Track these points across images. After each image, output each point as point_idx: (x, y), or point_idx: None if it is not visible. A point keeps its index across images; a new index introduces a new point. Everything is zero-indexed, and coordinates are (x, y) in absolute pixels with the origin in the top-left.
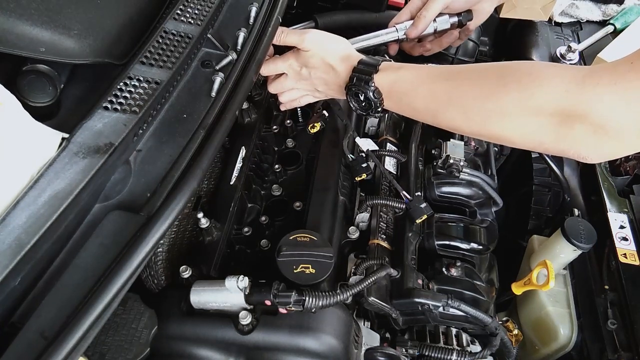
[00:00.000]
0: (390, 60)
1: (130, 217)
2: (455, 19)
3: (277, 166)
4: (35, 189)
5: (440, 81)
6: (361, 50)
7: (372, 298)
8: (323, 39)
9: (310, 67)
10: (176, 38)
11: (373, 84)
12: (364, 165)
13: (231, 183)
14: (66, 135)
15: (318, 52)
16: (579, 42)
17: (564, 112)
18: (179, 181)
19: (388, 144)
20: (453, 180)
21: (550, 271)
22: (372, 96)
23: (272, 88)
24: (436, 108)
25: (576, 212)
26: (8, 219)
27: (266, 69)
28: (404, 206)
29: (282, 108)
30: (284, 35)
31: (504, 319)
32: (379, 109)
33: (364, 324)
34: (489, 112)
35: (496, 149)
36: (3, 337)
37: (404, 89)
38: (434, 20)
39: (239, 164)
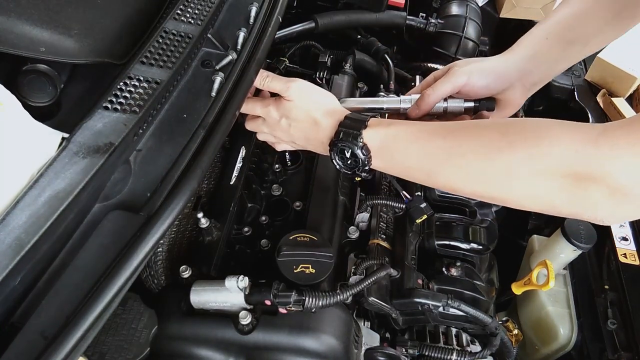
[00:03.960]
0: (378, 116)
1: (130, 217)
2: (471, 104)
3: (277, 166)
4: (35, 189)
5: (436, 138)
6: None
7: (372, 298)
8: (309, 90)
9: (291, 118)
10: (176, 38)
11: (361, 140)
12: None
13: (231, 183)
14: (66, 135)
15: (302, 104)
16: None
17: (578, 174)
18: (179, 181)
19: None
20: None
21: (550, 271)
22: (360, 153)
23: (248, 126)
24: (431, 167)
25: None
26: (8, 218)
27: (244, 108)
28: (404, 206)
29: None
30: (268, 81)
31: (504, 319)
32: (367, 168)
33: (364, 324)
34: (493, 173)
35: None
36: (3, 337)
37: (395, 146)
38: (445, 100)
39: (239, 164)
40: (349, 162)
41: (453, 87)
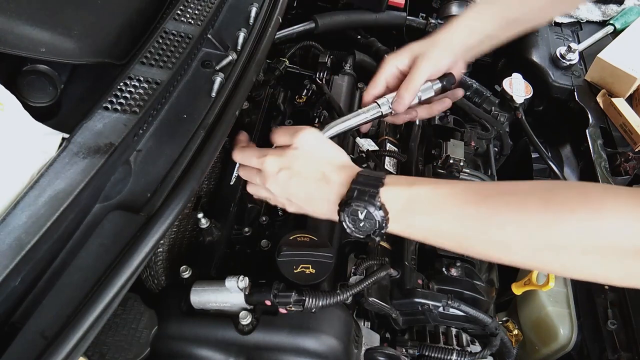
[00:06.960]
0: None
1: (130, 217)
2: (439, 84)
3: None
4: (36, 189)
5: (470, 204)
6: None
7: (372, 298)
8: (320, 140)
9: (293, 170)
10: (176, 38)
11: (379, 200)
12: (364, 165)
13: (231, 183)
14: (66, 136)
15: (310, 154)
16: (579, 42)
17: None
18: (179, 181)
19: (388, 144)
20: None
21: None
22: (377, 214)
23: (241, 173)
24: (464, 237)
25: None
26: (8, 219)
27: (237, 156)
28: None
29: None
30: (274, 135)
31: (504, 319)
32: (383, 232)
33: (364, 324)
34: (539, 247)
35: (496, 149)
36: (3, 337)
37: (419, 209)
38: None
39: (239, 164)
40: (361, 224)
41: (430, 72)
